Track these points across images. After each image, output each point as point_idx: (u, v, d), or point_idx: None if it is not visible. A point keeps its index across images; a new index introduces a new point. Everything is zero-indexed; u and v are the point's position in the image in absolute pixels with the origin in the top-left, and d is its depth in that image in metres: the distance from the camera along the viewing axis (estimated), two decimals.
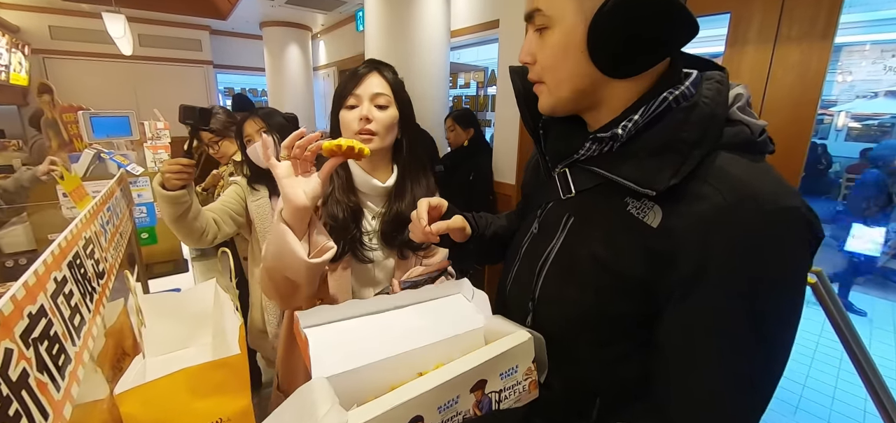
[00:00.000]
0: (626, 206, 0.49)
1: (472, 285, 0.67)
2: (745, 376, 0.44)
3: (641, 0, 0.43)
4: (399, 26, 3.05)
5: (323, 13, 5.35)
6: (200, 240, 1.20)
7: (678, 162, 0.45)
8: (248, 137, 1.36)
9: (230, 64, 6.93)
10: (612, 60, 0.47)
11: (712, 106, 0.47)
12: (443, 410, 0.46)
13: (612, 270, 0.50)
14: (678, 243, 0.44)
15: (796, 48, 1.45)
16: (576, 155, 0.55)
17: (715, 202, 0.43)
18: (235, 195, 1.36)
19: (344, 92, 0.82)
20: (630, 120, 0.48)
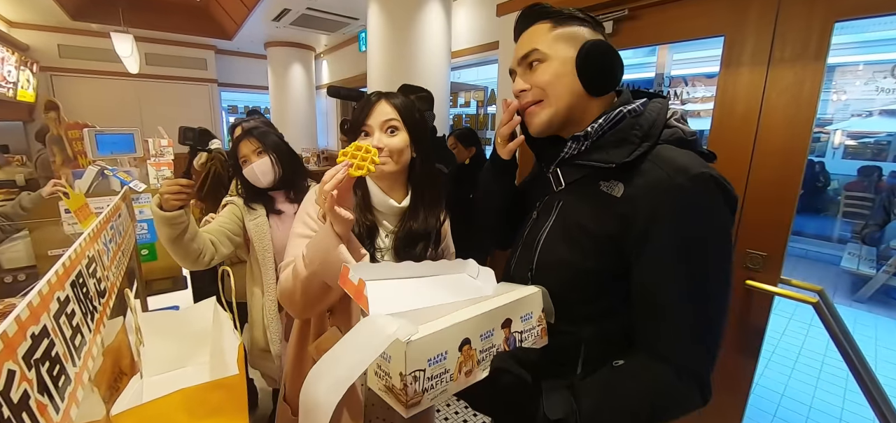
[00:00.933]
0: (599, 187, 0.68)
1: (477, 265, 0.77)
2: (696, 295, 0.60)
3: (601, 49, 0.67)
4: (401, 47, 3.11)
5: (326, 34, 5.46)
6: (197, 262, 1.20)
7: (631, 149, 0.65)
8: (245, 158, 1.38)
9: (234, 82, 7.03)
10: (592, 81, 0.69)
11: (654, 116, 0.68)
12: (483, 338, 0.56)
13: (592, 233, 0.67)
14: (635, 205, 0.62)
15: (790, 70, 1.47)
16: (563, 154, 0.73)
17: (657, 175, 0.62)
18: (232, 216, 1.36)
19: (358, 120, 0.89)
20: (596, 122, 0.69)
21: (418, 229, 0.92)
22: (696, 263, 0.59)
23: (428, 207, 0.94)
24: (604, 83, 0.70)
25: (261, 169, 1.36)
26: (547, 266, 0.73)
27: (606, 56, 0.68)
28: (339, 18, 4.65)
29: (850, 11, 1.37)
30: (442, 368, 0.50)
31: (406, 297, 0.60)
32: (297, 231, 0.91)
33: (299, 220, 0.92)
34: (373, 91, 0.92)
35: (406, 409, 0.48)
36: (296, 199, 1.46)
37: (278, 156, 1.39)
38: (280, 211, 1.43)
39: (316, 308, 0.83)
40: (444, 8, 3.14)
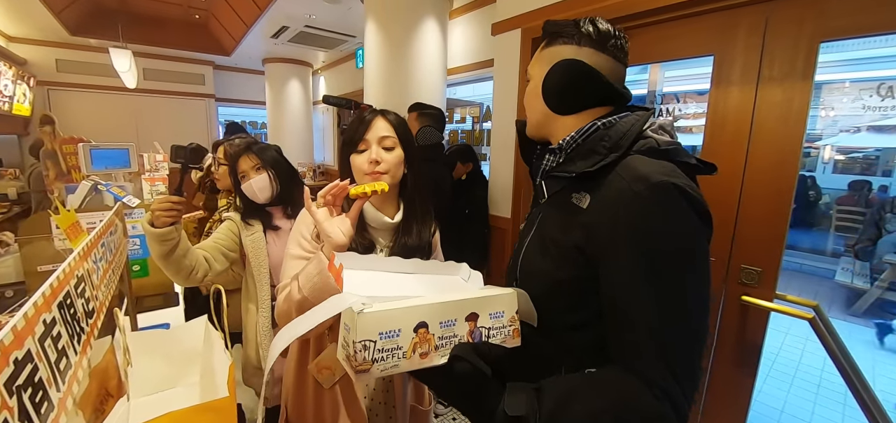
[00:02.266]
0: (570, 198, 0.69)
1: (469, 268, 0.81)
2: (660, 308, 0.57)
3: (567, 69, 0.69)
4: (397, 64, 3.15)
5: (324, 51, 5.52)
6: (189, 278, 1.19)
7: (596, 159, 0.66)
8: (243, 174, 1.38)
9: (231, 97, 7.06)
10: (556, 103, 0.72)
11: (627, 127, 0.67)
12: (444, 325, 0.58)
13: (561, 244, 0.68)
14: (597, 216, 0.63)
15: (778, 88, 1.50)
16: (542, 166, 0.76)
17: (620, 185, 0.61)
18: (228, 231, 1.35)
19: (354, 138, 0.90)
20: (568, 136, 0.70)
21: (412, 244, 0.94)
22: (657, 274, 0.57)
23: (420, 221, 0.97)
24: (565, 103, 0.71)
25: (259, 185, 1.36)
26: (528, 276, 0.75)
27: (570, 76, 0.68)
28: (337, 36, 4.70)
29: (835, 33, 1.40)
30: (394, 344, 0.54)
31: (380, 285, 0.64)
32: (292, 252, 0.91)
33: (293, 240, 0.93)
34: (372, 109, 0.94)
35: (355, 374, 0.53)
36: (293, 214, 1.46)
37: (277, 172, 1.39)
38: (277, 227, 1.42)
39: (313, 330, 0.83)
40: (440, 26, 3.19)
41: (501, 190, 2.48)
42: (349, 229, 0.76)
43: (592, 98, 0.70)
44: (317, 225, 0.75)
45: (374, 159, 0.86)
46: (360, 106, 1.90)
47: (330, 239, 0.73)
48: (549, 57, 0.72)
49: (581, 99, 0.70)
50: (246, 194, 1.37)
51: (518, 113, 2.31)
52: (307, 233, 0.91)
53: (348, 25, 4.39)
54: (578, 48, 0.70)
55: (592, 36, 0.70)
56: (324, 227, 0.74)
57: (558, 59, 0.69)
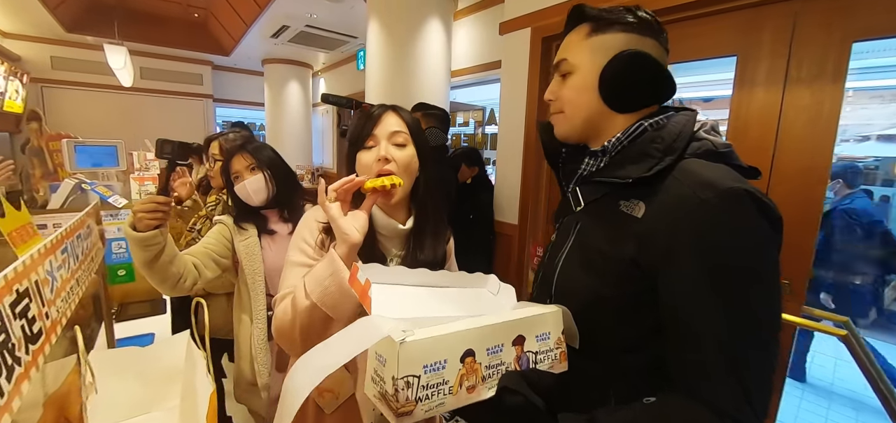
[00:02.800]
0: (619, 206, 0.63)
1: (499, 281, 0.73)
2: (730, 327, 0.52)
3: (635, 61, 0.62)
4: (400, 65, 3.07)
5: (325, 52, 5.45)
6: (176, 287, 1.08)
7: (651, 163, 0.60)
8: (237, 174, 1.28)
9: (230, 98, 6.98)
10: (617, 99, 0.65)
11: (679, 128, 0.62)
12: (490, 353, 0.51)
13: (611, 256, 0.62)
14: (656, 225, 0.57)
15: (807, 90, 1.42)
16: (580, 171, 0.71)
17: (681, 192, 0.56)
18: (220, 236, 1.25)
19: (361, 133, 0.81)
20: (615, 137, 0.65)
21: (426, 256, 0.84)
22: (728, 290, 0.53)
23: (433, 231, 0.87)
24: (629, 99, 0.65)
25: (253, 187, 1.26)
26: (566, 292, 0.69)
27: (637, 69, 0.62)
28: (338, 36, 4.63)
29: (868, 32, 1.32)
30: (440, 377, 0.46)
31: (414, 304, 0.57)
32: (294, 259, 0.82)
33: (295, 246, 0.83)
34: (380, 104, 0.84)
35: (396, 417, 0.44)
36: (290, 218, 1.36)
37: (273, 172, 1.30)
38: (273, 231, 1.32)
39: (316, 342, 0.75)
40: (444, 26, 3.11)
41: (508, 196, 2.39)
42: (364, 224, 0.71)
43: (652, 95, 0.65)
44: (330, 220, 0.69)
45: (383, 157, 0.77)
46: (361, 105, 1.80)
47: (344, 235, 0.68)
48: (602, 46, 0.64)
49: (643, 96, 0.64)
50: (239, 196, 1.27)
51: (527, 115, 2.22)
52: (311, 239, 0.82)
53: (350, 26, 4.31)
54: (640, 38, 0.63)
55: (653, 25, 0.64)
56: (337, 223, 0.68)
57: (618, 49, 0.62)
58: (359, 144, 0.81)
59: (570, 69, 0.67)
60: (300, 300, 0.70)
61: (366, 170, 0.79)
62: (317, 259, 0.80)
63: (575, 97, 0.67)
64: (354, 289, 0.56)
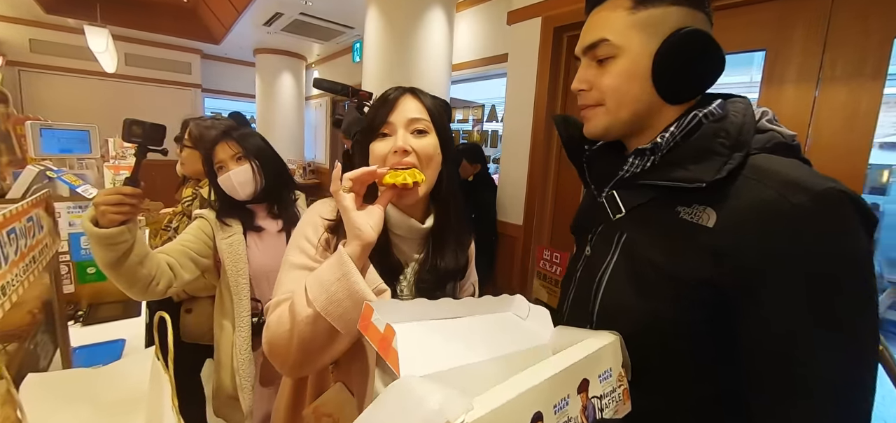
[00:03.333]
0: (678, 214, 0.53)
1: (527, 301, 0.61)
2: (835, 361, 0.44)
3: (696, 39, 0.52)
4: (400, 56, 2.93)
5: (319, 43, 5.28)
6: (148, 290, 0.94)
7: (720, 162, 0.51)
8: (221, 164, 1.13)
9: (219, 89, 6.76)
10: (672, 87, 0.55)
11: (741, 117, 0.54)
12: (557, 410, 0.43)
13: (673, 275, 0.52)
14: (737, 237, 0.47)
15: (843, 88, 1.33)
16: (621, 172, 0.60)
17: (765, 195, 0.47)
18: (199, 232, 1.11)
19: (374, 121, 0.70)
20: (667, 131, 0.56)
21: (447, 265, 0.73)
22: (832, 314, 0.44)
23: (457, 234, 0.76)
24: (686, 87, 0.55)
25: (239, 178, 1.12)
26: (612, 316, 0.59)
27: (697, 52, 0.53)
28: (334, 26, 4.47)
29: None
30: None
31: (446, 348, 0.47)
32: (293, 260, 0.69)
33: (295, 246, 0.71)
34: (396, 86, 0.72)
35: None
36: (280, 215, 1.22)
37: (261, 163, 1.16)
38: (260, 228, 1.18)
39: (315, 364, 0.63)
40: (447, 17, 2.98)
41: (512, 195, 2.28)
42: (379, 222, 0.61)
43: (707, 82, 0.55)
44: (342, 212, 0.60)
45: (401, 148, 0.66)
46: (358, 93, 1.66)
47: (357, 231, 0.59)
48: (653, 24, 0.54)
49: (700, 82, 0.55)
50: (223, 188, 1.13)
51: (535, 109, 2.11)
52: (315, 237, 0.70)
53: (346, 15, 4.16)
54: (692, 12, 0.54)
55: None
56: (350, 217, 0.59)
57: (672, 27, 0.53)
58: (372, 132, 0.69)
59: (613, 52, 0.56)
60: (300, 309, 0.58)
61: (379, 162, 0.68)
62: (320, 262, 0.68)
63: (621, 86, 0.57)
64: (371, 338, 0.44)
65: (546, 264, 2.02)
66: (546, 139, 2.11)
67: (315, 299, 0.57)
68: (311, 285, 0.59)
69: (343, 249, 0.59)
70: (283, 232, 1.22)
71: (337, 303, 0.56)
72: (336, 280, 0.56)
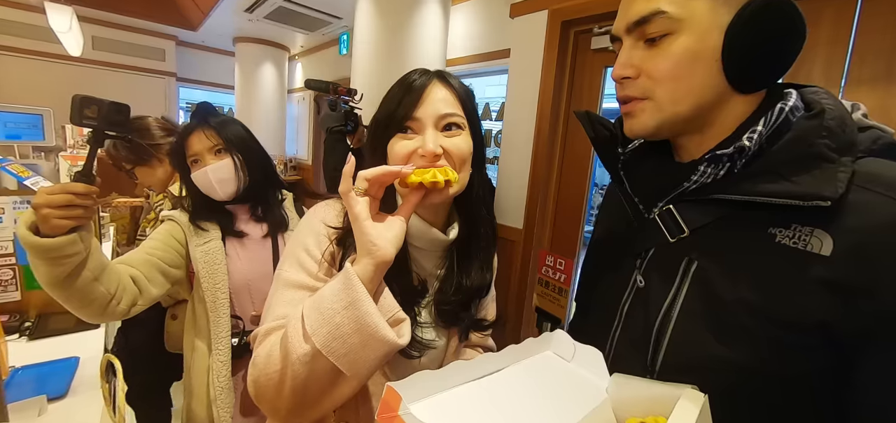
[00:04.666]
0: (773, 237, 0.43)
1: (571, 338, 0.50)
2: None
3: (781, 8, 0.42)
4: (392, 51, 2.79)
5: (304, 33, 5.05)
6: (106, 311, 0.77)
7: (833, 171, 0.40)
8: (196, 157, 0.97)
9: (196, 78, 6.44)
10: (746, 72, 0.45)
11: (839, 112, 0.44)
12: None
13: (777, 318, 0.42)
14: (868, 269, 0.38)
15: (871, 92, 1.26)
16: (685, 184, 0.49)
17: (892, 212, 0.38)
18: (169, 238, 0.94)
19: (396, 113, 0.57)
20: (753, 130, 0.45)
21: (473, 283, 0.63)
22: None
23: (486, 248, 0.66)
24: (768, 73, 0.45)
25: (219, 174, 0.96)
26: (686, 367, 0.47)
27: (784, 27, 0.42)
28: (320, 15, 4.27)
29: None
30: None
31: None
32: (289, 276, 0.57)
33: (292, 258, 0.58)
34: (419, 68, 0.60)
35: None
36: (265, 218, 1.07)
37: (245, 157, 1.00)
38: (242, 234, 1.03)
39: (313, 412, 0.50)
40: (443, 10, 2.85)
41: (512, 197, 2.16)
42: (400, 235, 0.50)
43: (789, 64, 0.45)
44: (352, 220, 0.48)
45: (430, 152, 0.54)
46: (339, 90, 1.56)
47: (372, 247, 0.47)
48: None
49: (784, 66, 0.45)
50: (199, 187, 0.97)
51: (539, 108, 2.00)
52: (317, 248, 0.58)
53: (334, 4, 3.98)
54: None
55: None
56: (363, 227, 0.48)
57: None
58: (392, 127, 0.57)
59: (671, 27, 0.45)
60: (295, 343, 0.47)
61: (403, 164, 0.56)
62: (324, 281, 0.55)
63: (682, 72, 0.45)
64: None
65: (549, 271, 1.91)
66: (550, 139, 2.01)
67: (314, 332, 0.45)
68: (309, 312, 0.47)
69: (351, 268, 0.47)
70: (269, 237, 1.06)
71: (342, 339, 0.45)
72: (342, 309, 0.45)
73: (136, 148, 1.24)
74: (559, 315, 1.83)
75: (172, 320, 1.13)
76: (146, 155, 1.26)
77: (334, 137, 1.51)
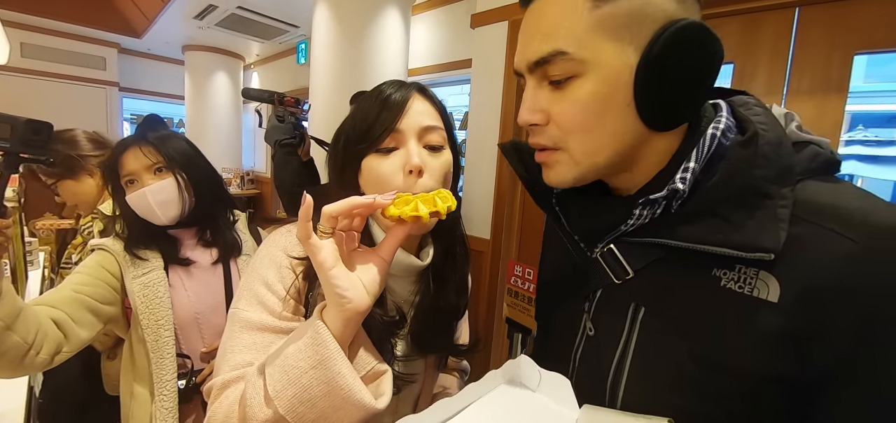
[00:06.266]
0: (718, 281, 0.39)
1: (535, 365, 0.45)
2: None
3: (693, 37, 0.37)
4: (352, 60, 2.72)
5: (259, 42, 4.86)
6: (22, 364, 0.67)
7: (773, 209, 0.36)
8: (131, 176, 0.88)
9: (141, 88, 6.02)
10: (663, 113, 0.39)
11: (772, 130, 0.39)
12: None
13: (731, 369, 0.38)
14: (818, 313, 0.34)
15: (809, 101, 1.36)
16: (622, 227, 0.45)
17: (844, 248, 0.34)
18: (99, 271, 0.83)
19: (373, 128, 0.51)
20: (686, 169, 0.40)
21: (447, 305, 0.60)
22: None
23: (462, 269, 0.63)
24: (687, 108, 0.40)
25: (159, 196, 0.87)
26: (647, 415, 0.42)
27: (698, 59, 0.38)
28: (276, 24, 4.12)
29: (872, 44, 1.28)
30: None
31: None
32: (248, 316, 0.50)
33: (249, 294, 0.51)
34: (392, 80, 0.56)
35: None
36: (215, 242, 0.98)
37: (189, 175, 0.91)
38: (188, 261, 0.93)
39: None
40: (403, 19, 2.82)
41: (478, 208, 2.15)
42: (377, 280, 0.44)
43: (709, 91, 0.40)
44: (318, 270, 0.41)
45: (417, 167, 0.49)
46: (284, 100, 1.48)
47: (341, 299, 0.41)
48: (631, 20, 0.37)
49: (703, 96, 0.40)
50: (135, 210, 0.87)
51: (502, 117, 2.01)
52: (280, 282, 0.52)
53: (290, 12, 3.85)
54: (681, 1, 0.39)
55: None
56: (330, 278, 0.41)
57: (658, 22, 0.37)
58: (368, 143, 0.51)
59: (575, 71, 0.39)
60: (255, 408, 0.41)
61: (382, 186, 0.50)
62: (290, 321, 0.50)
63: (592, 121, 0.40)
64: None
65: (517, 281, 1.91)
66: None
67: (278, 395, 0.40)
68: (272, 371, 0.41)
69: (320, 320, 0.41)
70: (220, 264, 0.97)
71: (310, 402, 0.39)
72: (310, 368, 0.39)
73: (62, 159, 1.11)
74: (530, 325, 1.82)
75: (109, 362, 1.00)
76: (71, 166, 1.13)
77: (285, 151, 1.43)
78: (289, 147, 1.42)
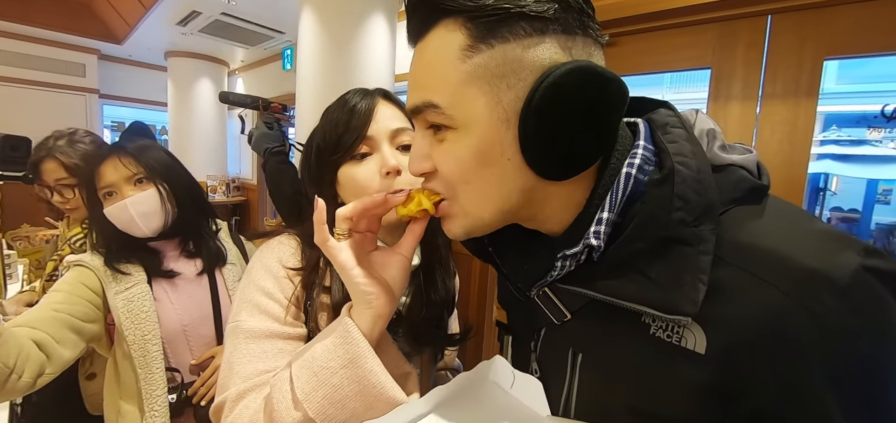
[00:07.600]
0: (647, 328, 0.37)
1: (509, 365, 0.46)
2: None
3: (582, 77, 0.33)
4: (338, 66, 2.72)
5: (244, 48, 4.81)
6: (4, 389, 0.65)
7: (695, 257, 0.33)
8: (110, 188, 0.87)
9: (122, 95, 5.91)
10: (556, 163, 0.36)
11: (692, 160, 0.36)
12: None
13: (658, 418, 0.36)
14: (744, 367, 0.32)
15: (782, 105, 1.41)
16: (551, 275, 0.42)
17: (770, 299, 0.31)
18: (79, 288, 0.82)
19: (344, 138, 0.53)
20: (599, 221, 0.37)
21: (439, 298, 0.63)
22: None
23: (445, 267, 0.66)
24: (584, 157, 0.36)
25: (141, 207, 0.86)
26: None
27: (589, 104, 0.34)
28: (262, 29, 4.09)
29: (840, 50, 1.34)
30: None
31: None
32: (253, 326, 0.50)
33: (250, 305, 0.51)
34: (356, 89, 0.58)
35: None
36: (198, 251, 0.97)
37: (170, 185, 0.91)
38: (172, 273, 0.92)
39: None
40: (389, 24, 2.83)
41: None
42: (400, 277, 0.45)
43: (615, 129, 0.38)
44: (342, 274, 0.42)
45: (394, 167, 0.52)
46: (270, 106, 1.47)
47: (370, 295, 0.42)
48: (505, 71, 0.35)
49: (606, 138, 0.37)
50: (115, 223, 0.86)
51: None
52: (280, 291, 0.52)
53: (276, 18, 3.82)
54: (567, 38, 0.35)
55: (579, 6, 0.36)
56: (353, 279, 0.42)
57: (540, 69, 0.34)
58: (342, 152, 0.54)
59: (448, 121, 0.37)
60: (283, 412, 0.40)
61: (360, 191, 0.53)
62: (294, 324, 0.51)
63: (472, 176, 0.38)
64: None
65: None
66: None
67: (307, 397, 0.40)
68: (299, 373, 0.41)
69: (349, 318, 0.42)
70: (205, 274, 0.97)
71: (340, 403, 0.40)
72: (340, 368, 0.40)
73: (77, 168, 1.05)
74: None
75: (89, 382, 0.98)
76: None
77: (278, 159, 1.42)
78: (281, 155, 1.41)
